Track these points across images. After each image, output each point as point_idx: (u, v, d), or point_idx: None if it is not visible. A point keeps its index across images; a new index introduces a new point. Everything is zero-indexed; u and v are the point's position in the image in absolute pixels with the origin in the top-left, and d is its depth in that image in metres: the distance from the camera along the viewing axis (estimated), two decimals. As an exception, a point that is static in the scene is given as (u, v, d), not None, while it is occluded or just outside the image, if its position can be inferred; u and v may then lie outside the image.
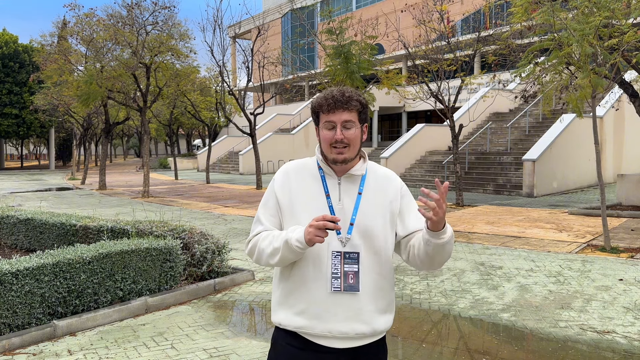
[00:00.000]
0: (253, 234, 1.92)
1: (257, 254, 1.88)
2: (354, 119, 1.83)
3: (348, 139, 1.81)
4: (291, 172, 1.93)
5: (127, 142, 64.90)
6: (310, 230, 1.68)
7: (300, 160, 1.97)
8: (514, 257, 7.42)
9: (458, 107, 19.82)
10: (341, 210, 1.84)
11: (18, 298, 4.37)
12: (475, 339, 4.46)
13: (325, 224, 1.66)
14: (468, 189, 16.64)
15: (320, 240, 1.67)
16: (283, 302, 1.87)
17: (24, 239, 7.66)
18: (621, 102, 16.33)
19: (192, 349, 4.24)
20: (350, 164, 1.87)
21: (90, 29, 18.27)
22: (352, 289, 1.79)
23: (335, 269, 1.80)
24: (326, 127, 1.84)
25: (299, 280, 1.83)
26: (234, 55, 37.16)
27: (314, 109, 1.88)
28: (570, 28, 7.43)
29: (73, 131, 32.90)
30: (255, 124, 20.69)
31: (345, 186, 1.87)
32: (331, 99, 1.82)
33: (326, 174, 1.89)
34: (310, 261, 1.81)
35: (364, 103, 1.86)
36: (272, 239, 1.82)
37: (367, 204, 1.86)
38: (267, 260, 1.83)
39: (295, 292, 1.84)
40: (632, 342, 4.22)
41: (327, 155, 1.86)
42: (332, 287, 1.79)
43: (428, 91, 14.11)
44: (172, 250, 5.58)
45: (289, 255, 1.77)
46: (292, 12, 34.64)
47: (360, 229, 1.82)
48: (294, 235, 1.74)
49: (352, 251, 1.81)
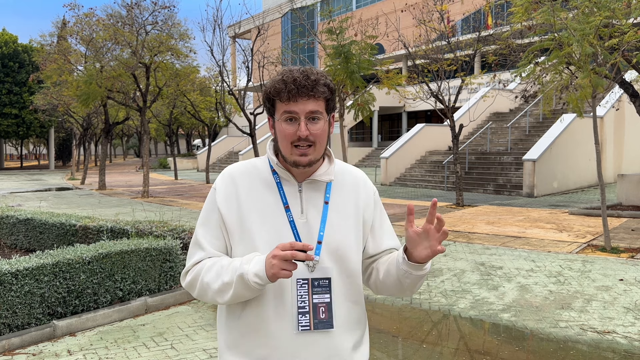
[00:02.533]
0: (192, 263, 1.49)
1: (199, 289, 1.45)
2: (321, 109, 1.43)
3: (314, 135, 1.41)
4: (237, 178, 1.50)
5: (127, 142, 64.88)
6: (274, 263, 1.30)
7: (246, 162, 1.56)
8: (514, 257, 7.41)
9: (458, 107, 19.81)
10: (305, 225, 1.45)
11: (18, 298, 4.37)
12: (476, 339, 4.46)
13: (294, 254, 1.28)
14: (468, 189, 16.63)
15: (288, 274, 1.30)
16: (233, 348, 1.47)
17: (23, 239, 7.65)
18: (621, 102, 16.32)
19: (192, 349, 4.23)
20: (313, 165, 1.47)
21: (89, 29, 18.28)
22: (325, 325, 1.42)
23: (301, 301, 1.41)
24: (285, 119, 1.42)
25: (255, 321, 1.43)
26: (233, 55, 37.14)
27: (268, 95, 1.45)
28: (570, 28, 7.43)
29: (73, 131, 32.91)
30: (255, 124, 20.67)
31: (308, 194, 1.48)
32: (292, 84, 1.39)
33: (282, 179, 1.49)
34: (269, 294, 1.42)
35: (332, 88, 1.46)
36: (219, 271, 1.41)
37: (337, 215, 1.49)
38: (213, 298, 1.42)
39: (251, 334, 1.44)
40: (633, 342, 4.21)
41: (286, 157, 1.45)
42: (300, 325, 1.40)
43: (428, 91, 14.11)
44: (172, 251, 5.57)
45: (244, 292, 1.37)
46: (292, 11, 34.63)
47: (331, 248, 1.45)
48: (251, 269, 1.34)
49: (322, 277, 1.43)
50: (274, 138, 1.50)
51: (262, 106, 1.52)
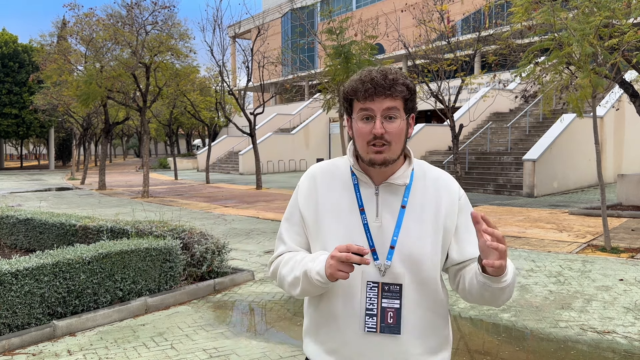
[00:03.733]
0: (275, 255, 1.59)
1: (278, 280, 1.56)
2: (398, 107, 1.42)
3: (390, 133, 1.41)
4: (318, 177, 1.54)
5: (127, 142, 64.88)
6: (331, 264, 1.32)
7: (329, 162, 1.59)
8: (514, 257, 7.41)
9: (458, 107, 19.81)
10: (379, 229, 1.45)
11: (18, 298, 4.37)
12: (476, 339, 4.46)
13: (349, 257, 1.29)
14: (468, 189, 16.63)
15: (345, 276, 1.32)
16: (312, 335, 1.55)
17: (23, 239, 7.65)
18: (621, 102, 16.32)
19: (192, 349, 4.23)
20: (391, 167, 1.46)
21: (89, 29, 18.28)
22: (392, 330, 1.42)
23: (370, 304, 1.42)
24: (361, 117, 1.43)
25: (327, 315, 1.49)
26: (233, 55, 37.15)
27: (346, 95, 1.46)
28: (570, 28, 7.43)
29: (73, 131, 32.90)
30: (255, 124, 20.69)
31: (385, 197, 1.47)
32: (369, 82, 1.40)
33: (360, 181, 1.50)
34: (339, 294, 1.45)
35: (412, 88, 1.45)
36: (293, 265, 1.48)
37: (413, 220, 1.46)
38: (289, 291, 1.50)
39: (325, 327, 1.50)
40: (633, 342, 4.21)
41: (362, 156, 1.45)
42: (366, 326, 1.42)
43: (428, 91, 14.10)
44: (171, 251, 5.57)
45: (310, 288, 1.42)
46: (292, 11, 34.64)
47: (404, 254, 1.43)
48: (315, 267, 1.38)
49: (393, 282, 1.43)
50: (352, 138, 1.50)
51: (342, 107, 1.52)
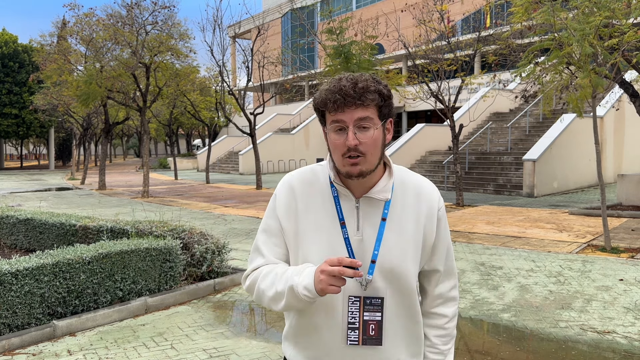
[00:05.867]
0: (251, 268, 1.53)
1: (256, 294, 1.49)
2: (371, 116, 1.36)
3: (364, 144, 1.36)
4: (297, 187, 1.49)
5: (127, 142, 64.89)
6: (322, 278, 1.29)
7: (306, 170, 1.53)
8: (514, 257, 7.41)
9: (458, 107, 19.81)
10: (360, 243, 1.42)
11: (18, 298, 4.37)
12: (476, 339, 4.46)
13: (342, 271, 1.27)
14: (468, 189, 16.63)
15: (336, 290, 1.29)
16: (292, 340, 1.53)
17: (23, 239, 7.65)
18: (621, 102, 16.32)
19: (192, 349, 4.23)
20: (370, 178, 1.43)
21: (89, 29, 18.28)
22: (374, 342, 1.42)
23: (352, 317, 1.41)
24: (334, 129, 1.38)
25: (308, 326, 1.48)
26: (233, 55, 37.16)
27: (317, 107, 1.41)
28: (570, 28, 7.43)
29: (73, 131, 32.89)
30: (255, 124, 20.69)
31: (365, 210, 1.44)
32: (338, 93, 1.34)
33: (340, 194, 1.45)
34: (321, 308, 1.44)
35: (385, 94, 1.38)
36: (274, 279, 1.43)
37: (393, 233, 1.44)
38: (269, 305, 1.45)
39: (306, 337, 1.49)
40: (633, 343, 4.21)
41: (339, 168, 1.42)
42: (348, 339, 1.42)
43: (428, 91, 14.11)
44: (171, 251, 5.57)
45: (295, 303, 1.38)
46: (292, 11, 34.64)
47: (385, 268, 1.42)
48: (302, 282, 1.34)
49: (375, 296, 1.42)
50: (329, 150, 1.47)
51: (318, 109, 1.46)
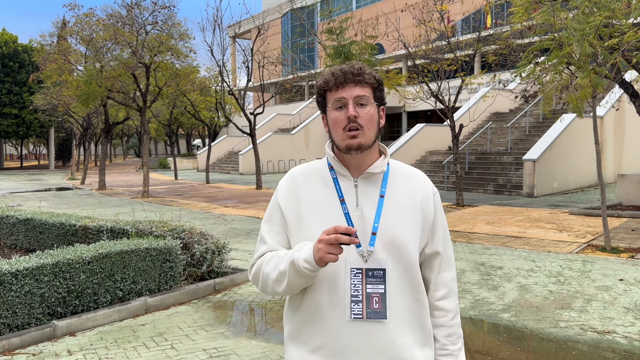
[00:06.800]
0: (256, 256, 1.59)
1: (262, 280, 1.55)
2: (368, 95, 1.51)
3: (362, 118, 1.48)
4: (297, 177, 1.59)
5: (127, 142, 64.88)
6: (320, 247, 1.34)
7: (308, 164, 1.65)
8: (514, 257, 7.41)
9: (458, 107, 19.81)
10: (360, 217, 1.49)
11: (18, 298, 4.37)
12: (476, 339, 4.46)
13: (338, 237, 1.32)
14: (468, 189, 16.63)
15: (334, 258, 1.34)
16: (296, 338, 1.54)
17: (23, 239, 7.65)
18: (621, 102, 16.32)
19: (192, 349, 4.23)
20: (367, 158, 1.53)
21: (89, 29, 18.27)
22: (378, 315, 1.44)
23: (355, 290, 1.44)
24: (335, 107, 1.51)
25: (311, 309, 1.49)
26: (233, 55, 37.17)
27: (320, 89, 1.55)
28: (570, 28, 7.43)
29: (73, 131, 32.89)
30: (255, 124, 20.69)
31: (364, 188, 1.53)
32: (339, 72, 1.51)
33: (339, 174, 1.55)
34: (324, 283, 1.47)
35: (377, 78, 1.54)
36: (277, 261, 1.48)
37: (392, 207, 1.52)
38: (273, 288, 1.50)
39: (309, 324, 1.50)
40: (633, 342, 4.21)
41: (339, 144, 1.52)
42: (352, 313, 1.43)
43: (428, 91, 14.10)
44: (171, 251, 5.57)
45: (297, 280, 1.43)
46: (292, 11, 34.63)
47: (385, 239, 1.47)
48: (301, 255, 1.40)
49: (377, 267, 1.45)
50: (329, 132, 1.56)
51: (316, 102, 1.63)
